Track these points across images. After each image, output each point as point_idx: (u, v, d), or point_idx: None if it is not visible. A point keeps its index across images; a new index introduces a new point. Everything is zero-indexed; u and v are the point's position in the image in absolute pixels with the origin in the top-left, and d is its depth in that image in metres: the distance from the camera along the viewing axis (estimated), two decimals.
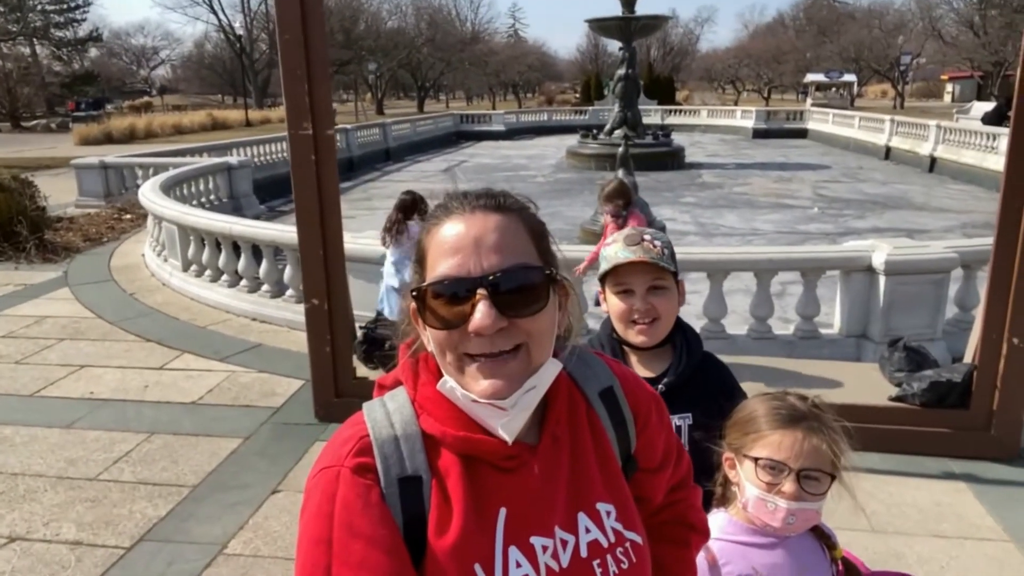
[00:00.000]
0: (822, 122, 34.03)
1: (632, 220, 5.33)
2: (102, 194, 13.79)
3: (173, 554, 3.44)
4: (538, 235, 1.00)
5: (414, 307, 0.98)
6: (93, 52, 64.07)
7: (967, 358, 4.43)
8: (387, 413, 0.99)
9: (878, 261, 5.65)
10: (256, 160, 17.58)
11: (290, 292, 6.99)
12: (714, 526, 1.56)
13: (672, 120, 39.02)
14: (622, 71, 24.15)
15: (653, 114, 38.61)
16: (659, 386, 1.75)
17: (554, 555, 0.98)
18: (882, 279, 5.67)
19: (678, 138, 26.37)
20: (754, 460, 1.49)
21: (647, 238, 1.74)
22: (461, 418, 0.97)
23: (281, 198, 15.55)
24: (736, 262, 6.15)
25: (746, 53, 73.45)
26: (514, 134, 38.89)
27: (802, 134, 34.91)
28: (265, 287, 7.25)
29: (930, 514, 3.66)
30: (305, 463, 4.24)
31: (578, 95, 67.49)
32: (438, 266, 0.94)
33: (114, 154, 15.62)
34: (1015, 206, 3.86)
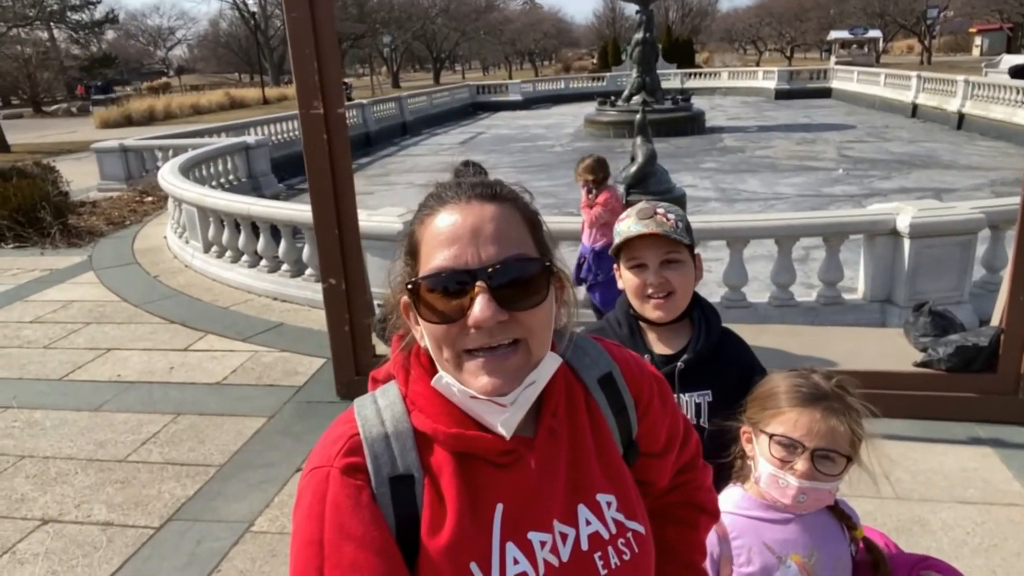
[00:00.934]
0: (846, 80, 33.30)
1: (602, 195, 5.17)
2: (123, 177, 13.90)
3: (202, 533, 3.51)
4: (534, 225, 0.97)
5: (406, 300, 0.95)
6: (110, 34, 64.31)
7: (994, 321, 4.35)
8: (378, 410, 0.98)
9: (903, 224, 5.53)
10: (273, 139, 17.61)
11: (310, 271, 7.03)
12: (728, 500, 1.56)
13: (692, 84, 38.39)
14: (639, 35, 23.72)
15: (672, 78, 37.95)
16: (678, 363, 1.73)
17: (553, 550, 0.96)
18: (907, 242, 5.56)
19: (698, 102, 25.97)
20: (769, 436, 1.47)
21: (660, 211, 1.70)
22: (453, 414, 0.95)
23: (299, 176, 15.50)
24: (756, 229, 6.05)
25: (767, 11, 71.78)
26: (531, 103, 38.53)
27: (826, 93, 34.22)
28: (285, 267, 7.30)
29: (956, 480, 3.62)
30: None
31: (595, 61, 66.47)
32: (433, 258, 0.91)
33: (134, 136, 15.72)
34: None
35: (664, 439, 1.14)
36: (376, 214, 6.27)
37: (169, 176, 9.31)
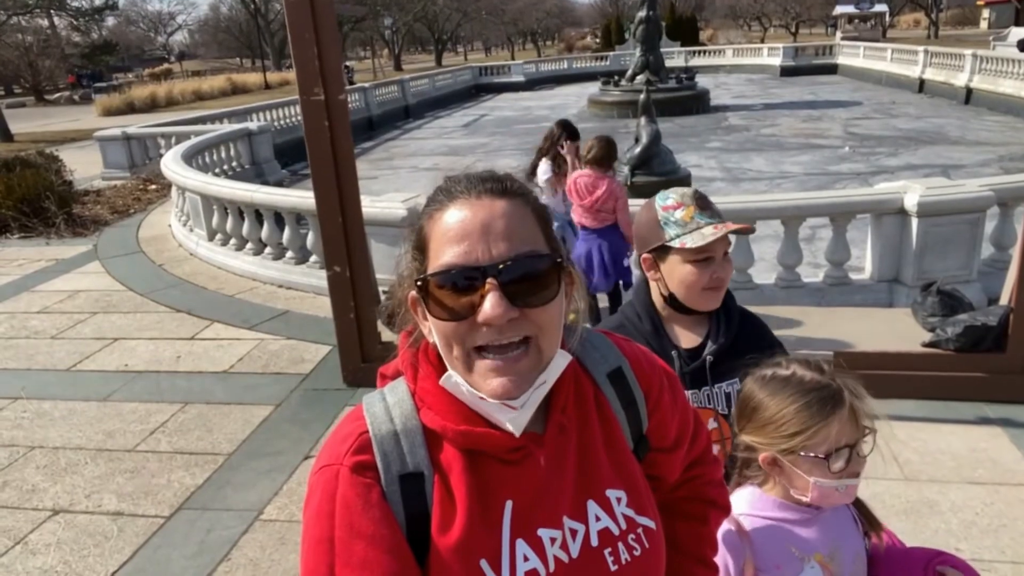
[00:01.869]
0: (853, 56, 32.96)
1: (605, 183, 4.98)
2: (127, 165, 13.88)
3: (212, 521, 3.53)
4: (543, 220, 0.96)
5: (414, 296, 0.94)
6: (110, 21, 64.01)
7: (1003, 300, 4.31)
8: (387, 407, 0.97)
9: (910, 203, 5.48)
10: (276, 124, 17.53)
11: (314, 258, 7.02)
12: (742, 501, 1.51)
13: (696, 62, 38.07)
14: (642, 13, 23.44)
15: (676, 56, 37.62)
16: (706, 356, 1.70)
17: (563, 546, 0.96)
18: (914, 221, 5.51)
19: (703, 80, 25.75)
20: (822, 458, 1.38)
21: (707, 200, 1.67)
22: (462, 411, 0.94)
23: (303, 161, 15.29)
24: (761, 210, 6.00)
25: None
26: (534, 84, 38.28)
27: (832, 70, 33.90)
28: (290, 254, 7.29)
29: (965, 461, 3.60)
30: None
31: (599, 41, 65.87)
32: (443, 254, 0.90)
33: (136, 124, 15.67)
34: None
35: (675, 434, 1.13)
36: (380, 200, 6.24)
37: (172, 164, 9.29)
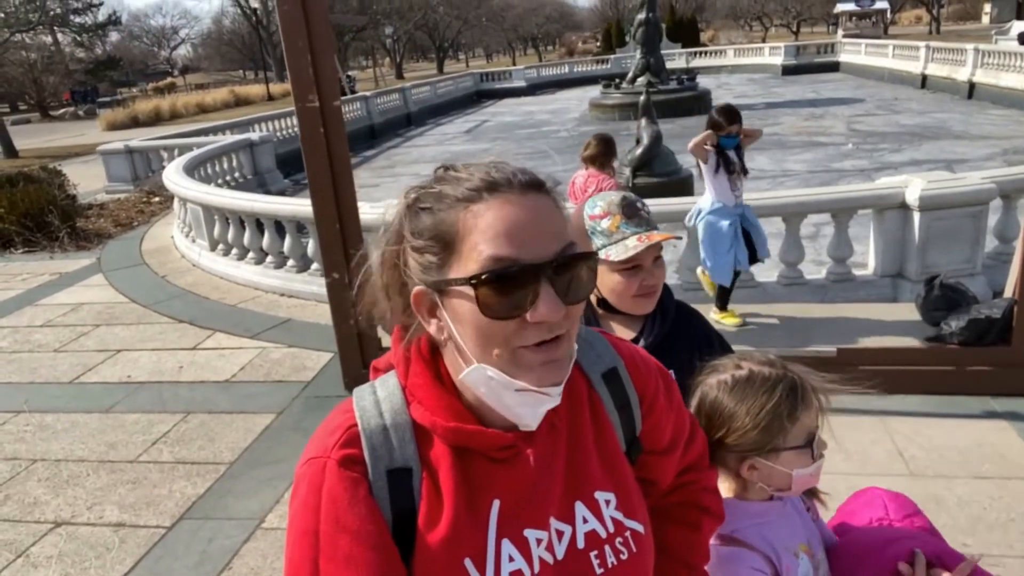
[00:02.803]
0: (854, 53, 32.88)
1: (609, 183, 5.06)
2: (130, 178, 13.95)
3: (213, 531, 3.52)
4: (567, 218, 0.94)
5: (422, 291, 0.89)
6: (114, 36, 64.45)
7: (1007, 292, 4.28)
8: (376, 401, 0.95)
9: (912, 197, 5.44)
10: (278, 134, 17.59)
11: (315, 266, 7.01)
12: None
13: (697, 63, 38.06)
14: (642, 15, 23.43)
15: (677, 58, 37.63)
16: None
17: (548, 547, 0.94)
18: (917, 215, 5.47)
19: (704, 81, 25.73)
20: (803, 447, 1.33)
21: (640, 206, 1.59)
22: (453, 407, 0.92)
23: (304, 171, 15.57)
24: (763, 207, 5.96)
25: None
26: (536, 89, 38.31)
27: (834, 68, 33.81)
28: (291, 262, 7.30)
29: (971, 455, 3.56)
30: None
31: (599, 44, 65.93)
32: (490, 250, 0.83)
33: (140, 138, 15.76)
34: None
35: (669, 436, 1.11)
36: (378, 206, 6.23)
37: (173, 175, 9.32)
